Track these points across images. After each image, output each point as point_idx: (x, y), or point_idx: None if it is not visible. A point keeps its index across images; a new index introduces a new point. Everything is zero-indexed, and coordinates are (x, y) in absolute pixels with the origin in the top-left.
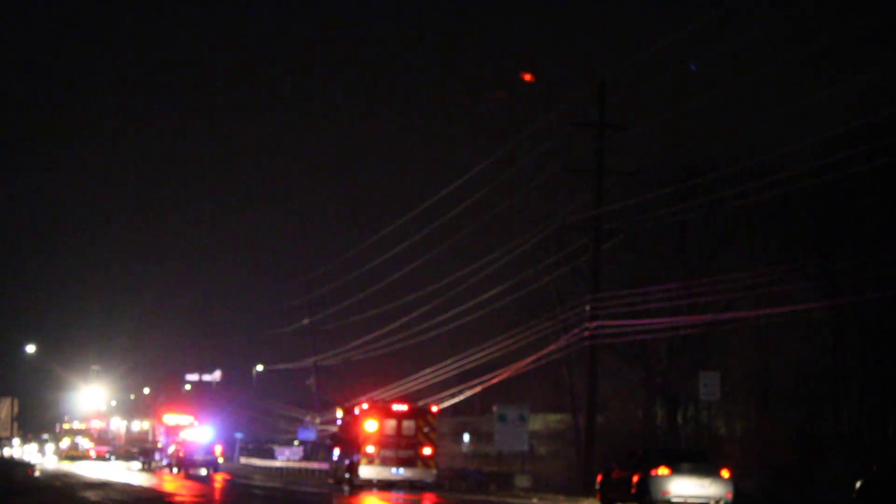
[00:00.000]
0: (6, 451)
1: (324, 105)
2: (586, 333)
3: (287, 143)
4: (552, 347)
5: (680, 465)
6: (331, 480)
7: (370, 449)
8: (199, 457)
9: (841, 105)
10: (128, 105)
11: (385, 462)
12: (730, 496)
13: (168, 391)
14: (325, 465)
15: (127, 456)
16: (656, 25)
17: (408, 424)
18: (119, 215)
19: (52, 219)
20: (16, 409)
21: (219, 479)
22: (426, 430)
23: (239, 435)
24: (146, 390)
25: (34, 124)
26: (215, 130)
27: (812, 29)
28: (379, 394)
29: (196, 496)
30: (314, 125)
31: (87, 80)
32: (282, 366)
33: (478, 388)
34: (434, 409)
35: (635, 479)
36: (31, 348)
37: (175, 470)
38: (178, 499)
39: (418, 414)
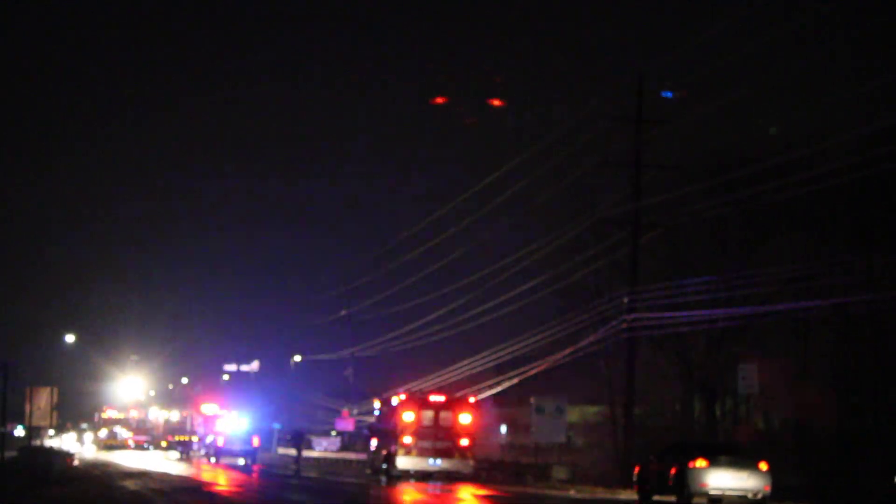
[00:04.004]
0: (46, 441)
1: (369, 96)
2: (624, 326)
3: (328, 134)
4: (590, 339)
5: (718, 458)
6: (368, 471)
7: (408, 440)
8: (236, 447)
9: (882, 99)
10: (169, 87)
11: (422, 453)
12: (768, 489)
13: (206, 381)
14: (362, 456)
15: (165, 445)
16: (697, 18)
17: (445, 416)
18: (158, 206)
19: (90, 209)
20: (55, 399)
21: (256, 470)
22: (463, 421)
23: (276, 425)
24: (184, 380)
25: (75, 110)
26: (255, 120)
27: (854, 21)
28: (416, 385)
29: (234, 486)
30: (356, 116)
31: (120, 57)
32: (320, 356)
33: (515, 380)
34: (471, 400)
35: (673, 471)
36: (70, 338)
37: (213, 460)
38: (216, 488)
39: (456, 405)
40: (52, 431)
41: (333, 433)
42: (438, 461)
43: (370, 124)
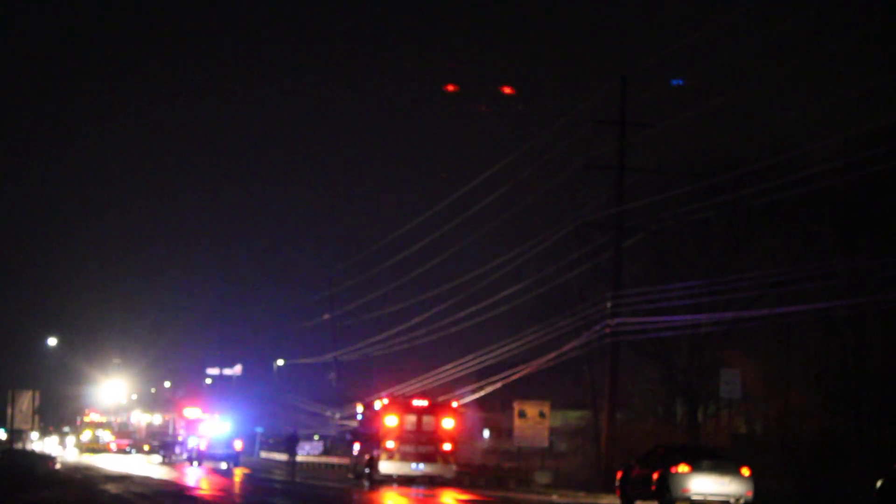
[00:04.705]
0: (27, 444)
1: (346, 100)
2: (607, 330)
3: (308, 139)
4: (573, 344)
5: (700, 463)
6: (350, 475)
7: (390, 444)
8: (219, 451)
9: (865, 103)
10: (148, 94)
11: (405, 457)
12: (750, 494)
13: (189, 385)
14: (345, 460)
15: (147, 449)
16: (681, 21)
17: (428, 420)
18: (140, 209)
19: (72, 212)
20: (37, 402)
21: (238, 473)
22: (446, 425)
23: (259, 429)
24: (167, 384)
25: (57, 117)
26: (237, 124)
27: (837, 25)
28: (399, 389)
29: (216, 490)
30: (336, 121)
31: (104, 64)
32: (302, 360)
33: (498, 384)
34: (454, 404)
35: (655, 476)
36: (52, 342)
37: (195, 464)
38: (197, 492)
39: (438, 409)
40: (35, 435)
41: (316, 437)
42: (421, 465)
43: (355, 128)
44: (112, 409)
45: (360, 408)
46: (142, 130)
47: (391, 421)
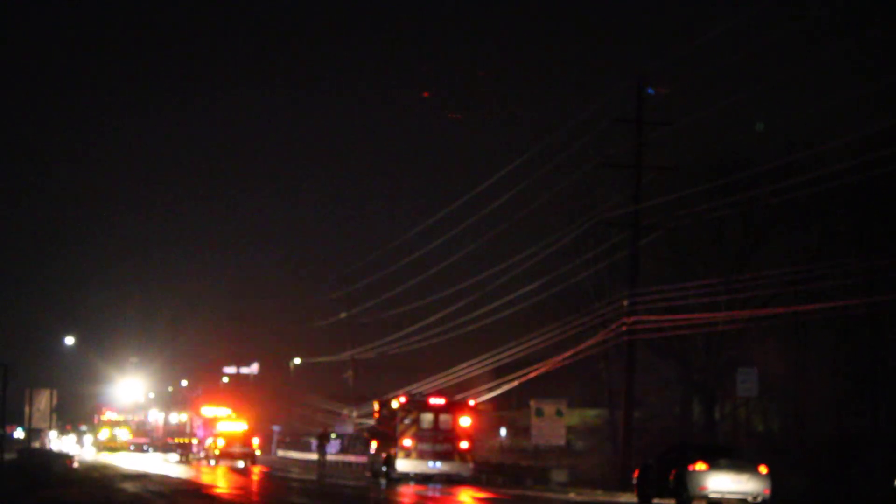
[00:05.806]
0: (46, 443)
1: (363, 100)
2: (624, 329)
3: (325, 137)
4: (590, 342)
5: (717, 461)
6: (368, 473)
7: (407, 442)
8: (236, 449)
9: (882, 101)
10: (164, 91)
11: (422, 456)
12: (767, 492)
13: (206, 383)
14: (362, 459)
15: (165, 448)
16: (698, 19)
17: (445, 418)
18: (158, 207)
19: (90, 210)
20: (55, 401)
21: (256, 472)
22: (463, 424)
23: (276, 427)
24: (184, 382)
25: (77, 115)
26: (254, 123)
27: (854, 23)
28: (416, 387)
29: (233, 488)
30: (352, 121)
31: (121, 63)
32: (319, 359)
33: (515, 383)
34: (471, 403)
35: (672, 474)
36: (70, 340)
37: (212, 462)
38: (215, 491)
39: (455, 408)
40: (53, 433)
41: (333, 436)
42: (438, 464)
43: (368, 124)
44: (129, 408)
45: (376, 406)
46: (158, 132)
47: (408, 419)
